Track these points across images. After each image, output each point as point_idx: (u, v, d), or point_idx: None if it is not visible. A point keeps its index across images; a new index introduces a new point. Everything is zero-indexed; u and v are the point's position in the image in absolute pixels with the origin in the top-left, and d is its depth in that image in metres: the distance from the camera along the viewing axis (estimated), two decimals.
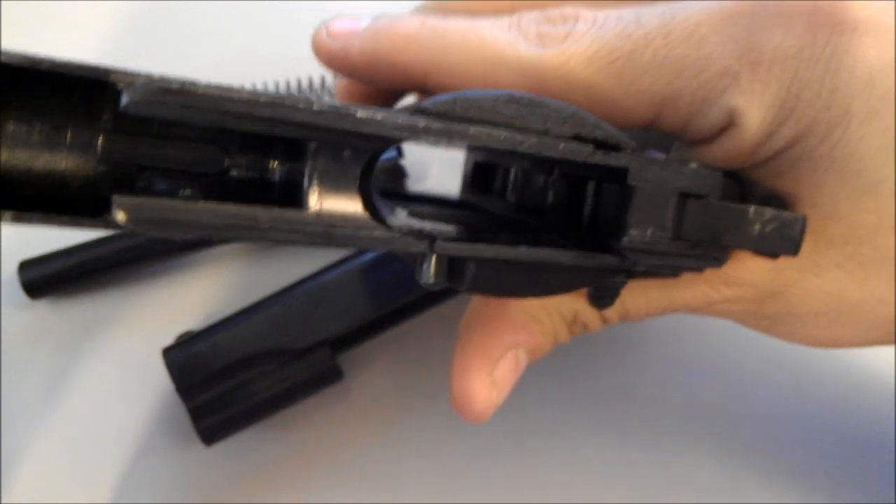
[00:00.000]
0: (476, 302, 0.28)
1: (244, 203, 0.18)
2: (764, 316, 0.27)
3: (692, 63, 0.23)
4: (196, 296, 0.39)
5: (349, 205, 0.20)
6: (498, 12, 0.26)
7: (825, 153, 0.23)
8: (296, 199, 0.20)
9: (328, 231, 0.19)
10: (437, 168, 0.39)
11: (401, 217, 0.22)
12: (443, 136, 0.19)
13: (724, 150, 0.24)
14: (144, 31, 0.42)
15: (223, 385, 0.34)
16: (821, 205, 0.24)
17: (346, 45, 0.26)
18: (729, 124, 0.23)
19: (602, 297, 0.25)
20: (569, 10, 0.24)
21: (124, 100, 0.16)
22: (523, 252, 0.21)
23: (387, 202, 0.22)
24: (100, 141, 0.18)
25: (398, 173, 0.39)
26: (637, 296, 0.27)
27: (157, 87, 0.16)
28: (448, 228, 0.22)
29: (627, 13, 0.24)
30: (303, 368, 0.35)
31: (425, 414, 0.37)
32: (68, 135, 0.18)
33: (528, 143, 0.20)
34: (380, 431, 0.37)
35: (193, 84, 0.16)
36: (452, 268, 0.21)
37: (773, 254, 0.23)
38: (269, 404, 0.35)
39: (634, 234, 0.21)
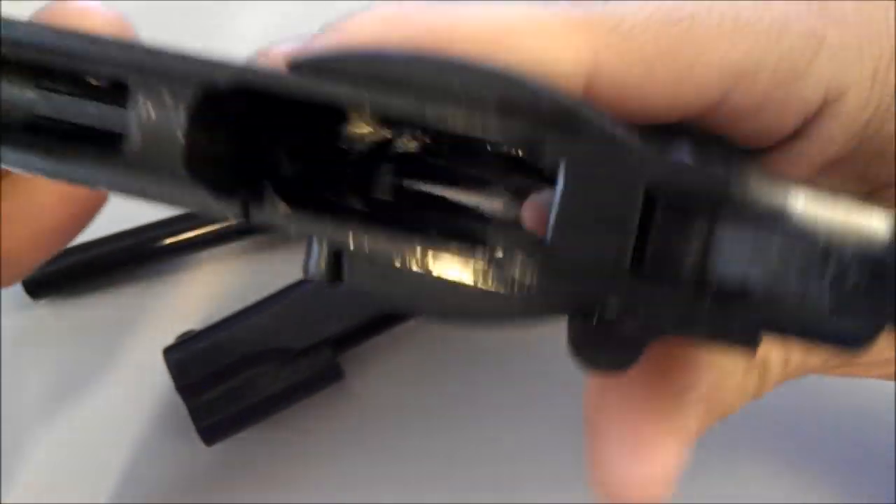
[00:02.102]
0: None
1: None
2: None
3: (768, 27, 0.18)
4: (197, 295, 0.39)
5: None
6: None
7: None
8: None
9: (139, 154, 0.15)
10: None
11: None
12: (301, 91, 0.15)
13: (817, 143, 0.20)
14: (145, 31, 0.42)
15: (224, 385, 0.34)
16: None
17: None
18: (822, 104, 0.19)
19: (592, 347, 0.16)
20: None
21: None
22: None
23: None
24: None
25: None
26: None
27: None
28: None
29: None
30: (303, 368, 0.35)
31: (426, 413, 0.37)
32: None
33: (403, 107, 0.15)
34: (380, 431, 0.37)
35: None
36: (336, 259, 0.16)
37: (846, 342, 0.14)
38: (270, 404, 0.35)
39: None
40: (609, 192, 0.15)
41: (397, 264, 0.16)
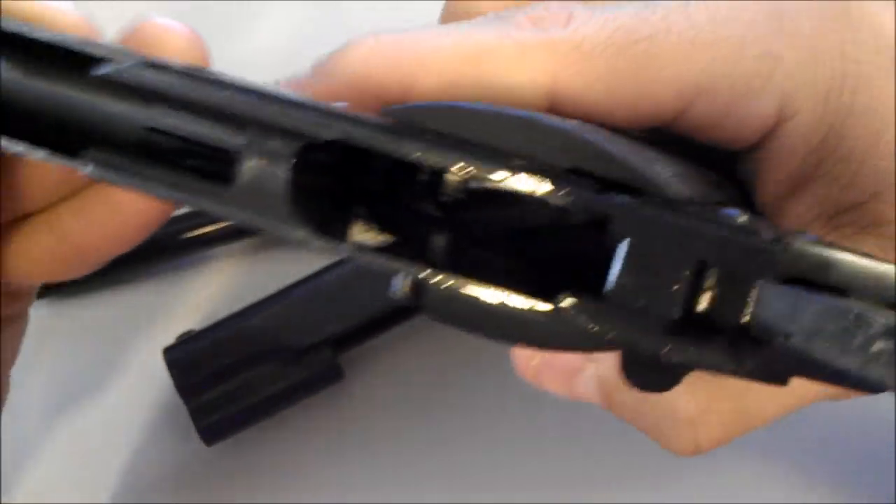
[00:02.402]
0: None
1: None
2: None
3: (725, 47, 0.20)
4: (197, 295, 0.39)
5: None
6: None
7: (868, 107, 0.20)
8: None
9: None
10: None
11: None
12: (382, 145, 0.17)
13: (773, 159, 0.21)
14: None
15: (224, 385, 0.35)
16: None
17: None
18: (778, 120, 0.20)
19: (639, 373, 0.18)
20: (554, 4, 0.20)
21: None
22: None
23: None
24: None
25: None
26: None
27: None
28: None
29: (626, 2, 0.20)
30: (303, 368, 0.35)
31: (426, 414, 0.37)
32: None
33: (491, 175, 0.17)
34: (380, 431, 0.37)
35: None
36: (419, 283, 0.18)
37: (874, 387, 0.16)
38: (270, 404, 0.35)
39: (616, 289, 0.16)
40: (666, 254, 0.17)
41: (468, 298, 0.18)
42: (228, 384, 0.35)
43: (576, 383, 0.23)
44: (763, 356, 0.17)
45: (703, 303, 0.17)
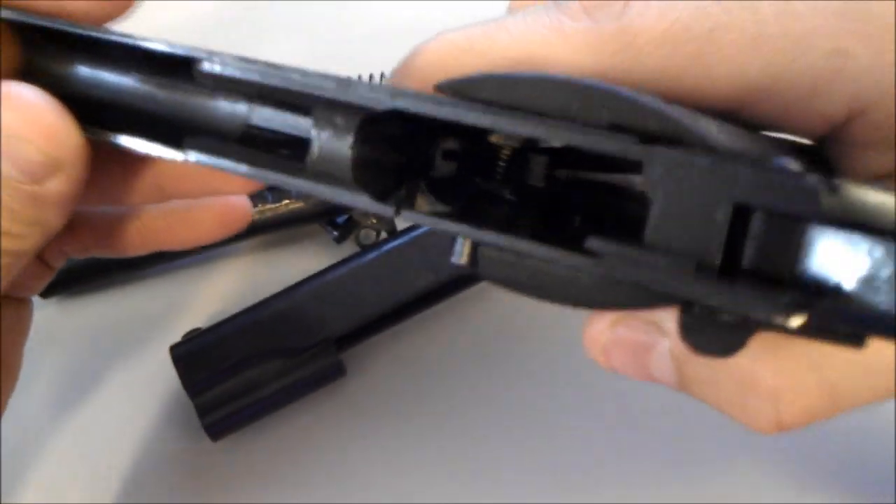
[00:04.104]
0: None
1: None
2: None
3: (792, 43, 0.18)
4: (204, 294, 0.40)
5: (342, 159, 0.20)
6: None
7: None
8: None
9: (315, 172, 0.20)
10: None
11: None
12: (419, 106, 0.18)
13: (847, 151, 0.20)
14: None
15: (229, 381, 0.35)
16: None
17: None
18: (848, 117, 0.19)
19: (698, 333, 0.17)
20: None
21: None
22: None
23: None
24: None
25: None
26: None
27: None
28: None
29: None
30: (307, 365, 0.35)
31: (425, 410, 0.38)
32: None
33: (529, 129, 0.17)
34: (382, 427, 0.37)
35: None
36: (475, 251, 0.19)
37: None
38: (274, 400, 0.36)
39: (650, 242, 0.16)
40: (701, 197, 0.16)
41: (519, 258, 0.18)
42: (233, 381, 0.35)
43: (648, 361, 0.22)
44: (821, 308, 0.15)
45: (750, 250, 0.16)
